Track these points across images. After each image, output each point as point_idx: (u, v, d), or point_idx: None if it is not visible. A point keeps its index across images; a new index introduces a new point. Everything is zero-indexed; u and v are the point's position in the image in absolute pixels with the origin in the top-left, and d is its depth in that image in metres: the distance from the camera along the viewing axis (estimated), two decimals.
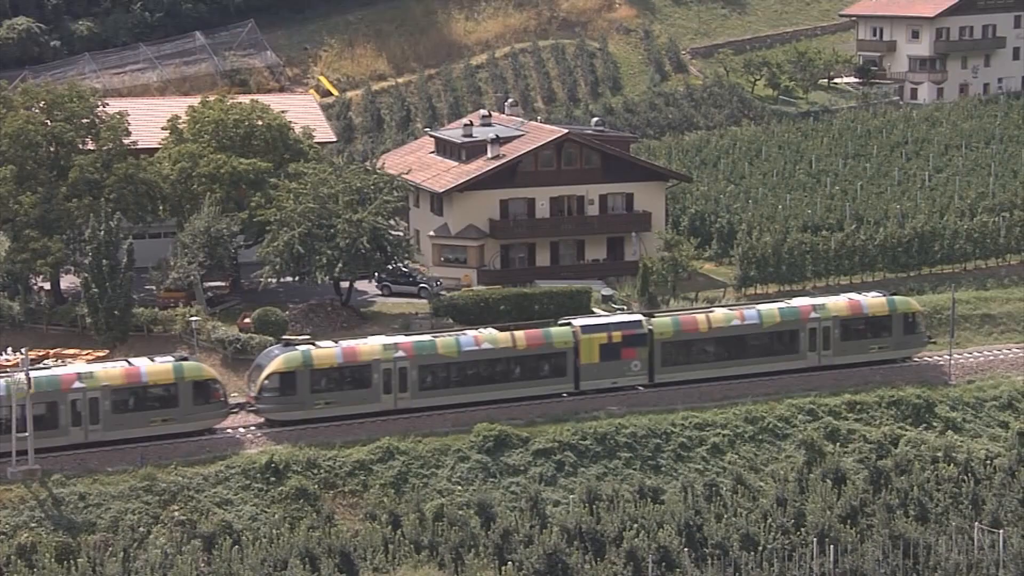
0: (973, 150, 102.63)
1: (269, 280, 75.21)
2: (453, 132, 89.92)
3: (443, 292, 76.71)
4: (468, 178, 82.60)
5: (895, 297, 73.11)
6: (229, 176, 77.28)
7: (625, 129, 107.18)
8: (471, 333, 66.76)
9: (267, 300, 74.89)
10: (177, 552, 54.70)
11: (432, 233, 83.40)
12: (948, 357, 71.04)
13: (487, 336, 66.28)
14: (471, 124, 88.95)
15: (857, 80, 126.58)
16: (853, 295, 72.82)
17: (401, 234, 79.71)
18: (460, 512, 57.49)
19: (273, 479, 59.55)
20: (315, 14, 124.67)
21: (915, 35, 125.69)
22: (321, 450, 60.93)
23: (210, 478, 59.30)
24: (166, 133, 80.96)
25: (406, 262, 78.92)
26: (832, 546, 55.35)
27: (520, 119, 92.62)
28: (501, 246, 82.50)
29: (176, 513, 57.65)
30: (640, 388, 67.90)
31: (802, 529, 56.51)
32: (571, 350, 67.07)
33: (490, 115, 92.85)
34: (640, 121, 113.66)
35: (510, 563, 54.51)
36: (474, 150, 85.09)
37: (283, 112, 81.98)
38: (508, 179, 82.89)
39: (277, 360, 63.84)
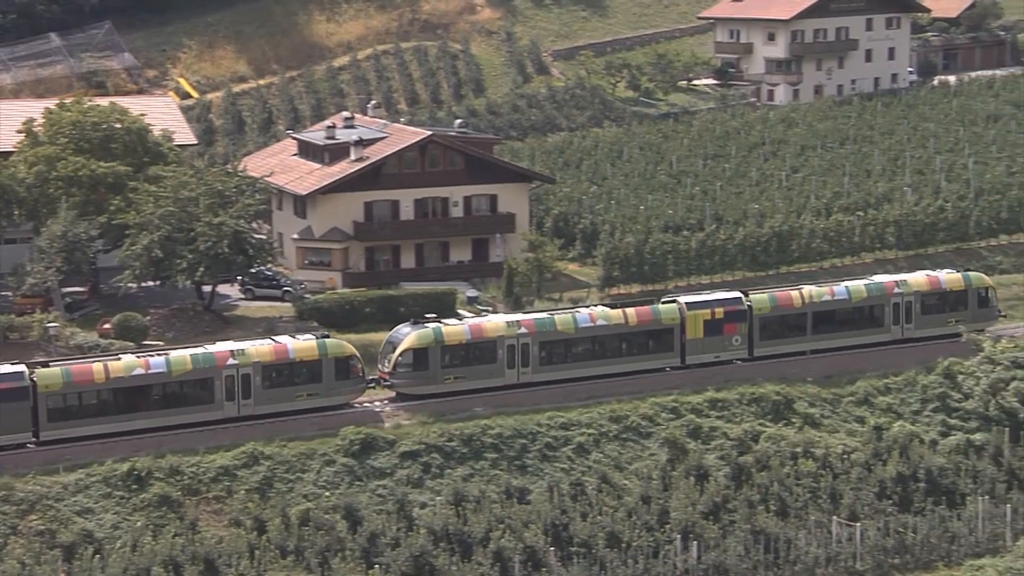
0: (828, 150, 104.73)
1: (129, 285, 74.13)
2: (316, 134, 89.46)
3: (307, 295, 76.25)
4: (331, 180, 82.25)
5: (970, 273, 75.91)
6: (88, 180, 76.02)
7: (488, 131, 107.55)
8: (586, 311, 69.43)
9: (127, 305, 73.78)
10: (36, 563, 53.64)
11: (296, 236, 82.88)
12: None
13: (601, 313, 69.10)
14: (334, 126, 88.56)
15: (715, 82, 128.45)
16: (931, 271, 75.76)
17: (264, 237, 79.09)
18: (326, 516, 57.18)
19: (135, 486, 58.65)
20: (174, 16, 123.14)
21: (771, 37, 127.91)
22: (184, 456, 60.21)
23: (70, 487, 58.24)
24: (21, 136, 79.38)
25: (269, 265, 78.33)
26: (695, 542, 56.11)
27: (383, 121, 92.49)
28: (366, 248, 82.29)
29: (35, 523, 56.53)
30: (738, 362, 70.14)
31: (666, 526, 57.16)
32: (677, 326, 69.82)
33: (353, 117, 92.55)
34: (503, 123, 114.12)
35: (377, 566, 54.38)
36: (337, 152, 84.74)
37: (142, 115, 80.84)
38: (372, 181, 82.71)
39: (411, 337, 66.24)
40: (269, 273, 78.97)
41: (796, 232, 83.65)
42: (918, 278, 74.56)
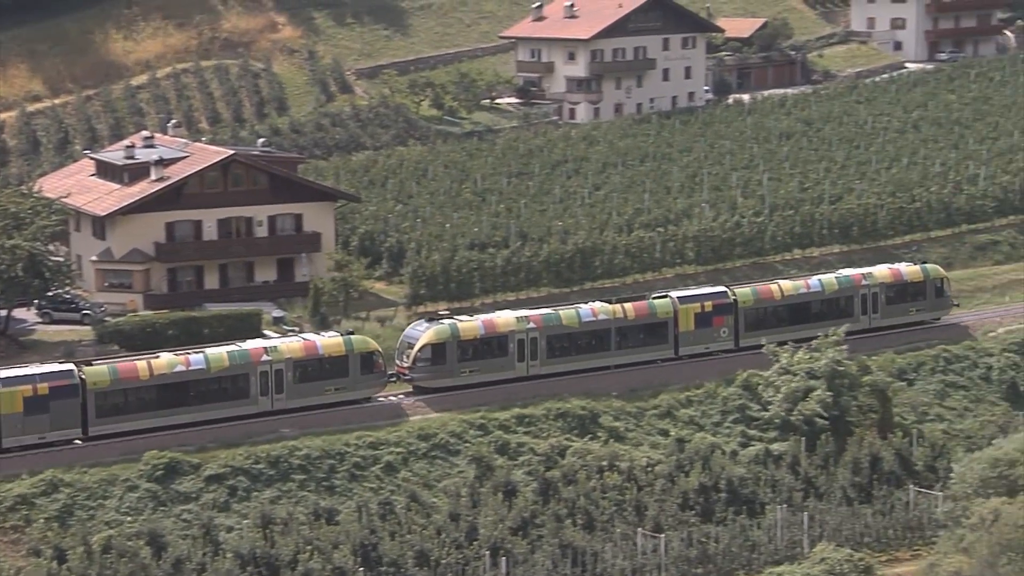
0: (629, 168, 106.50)
1: None
2: (115, 154, 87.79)
3: (108, 318, 74.71)
4: (131, 201, 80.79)
5: (927, 265, 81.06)
6: None
7: (292, 150, 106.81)
8: (586, 306, 73.00)
9: None
10: None
11: (95, 258, 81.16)
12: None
13: (601, 308, 72.75)
14: (133, 146, 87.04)
15: (518, 100, 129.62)
16: (893, 265, 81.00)
17: (61, 259, 77.28)
18: (130, 543, 56.04)
19: None
20: None
21: (571, 57, 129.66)
22: None
23: None
24: None
25: (67, 288, 76.55)
26: (504, 558, 56.46)
27: (184, 140, 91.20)
28: (168, 270, 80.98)
29: None
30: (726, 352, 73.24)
31: (475, 542, 57.37)
32: (671, 319, 73.72)
33: (153, 136, 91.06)
34: (307, 142, 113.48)
35: None
36: (137, 172, 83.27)
37: None
38: (173, 201, 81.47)
39: (429, 332, 69.22)
40: (67, 296, 77.17)
41: (599, 248, 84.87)
42: (882, 271, 79.77)
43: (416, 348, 69.12)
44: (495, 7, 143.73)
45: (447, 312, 73.08)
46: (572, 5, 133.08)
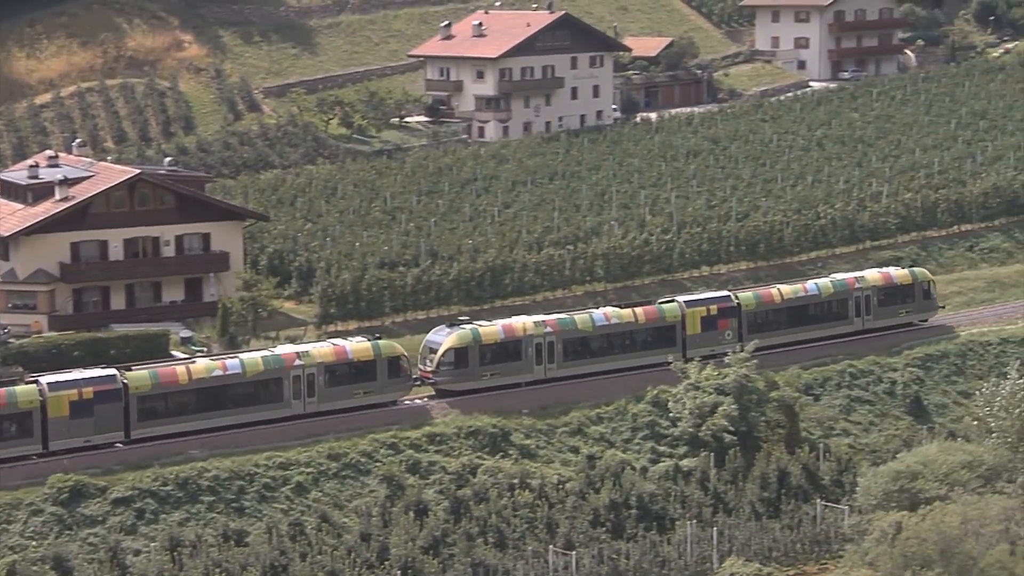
0: (538, 186, 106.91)
1: None
2: (18, 174, 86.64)
3: (11, 339, 73.62)
4: (35, 221, 79.76)
5: (915, 268, 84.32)
6: None
7: (200, 169, 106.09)
8: (599, 311, 75.32)
9: None
10: None
11: None
12: None
13: (614, 313, 75.10)
14: (37, 165, 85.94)
15: (427, 119, 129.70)
16: (882, 268, 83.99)
17: None
18: (34, 568, 55.24)
19: None
20: None
21: (480, 75, 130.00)
22: None
23: None
24: None
25: None
26: None
27: (89, 160, 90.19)
28: (73, 290, 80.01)
29: None
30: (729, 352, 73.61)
31: (386, 563, 57.24)
32: (679, 323, 75.85)
33: (57, 156, 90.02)
34: (215, 160, 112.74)
35: None
36: (41, 192, 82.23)
37: None
38: (78, 221, 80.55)
39: (452, 337, 71.25)
40: None
41: (509, 266, 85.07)
42: (873, 274, 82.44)
43: (440, 352, 71.10)
44: (403, 26, 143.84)
45: (466, 318, 75.41)
46: (480, 24, 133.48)
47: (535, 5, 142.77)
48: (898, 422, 75.85)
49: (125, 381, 64.26)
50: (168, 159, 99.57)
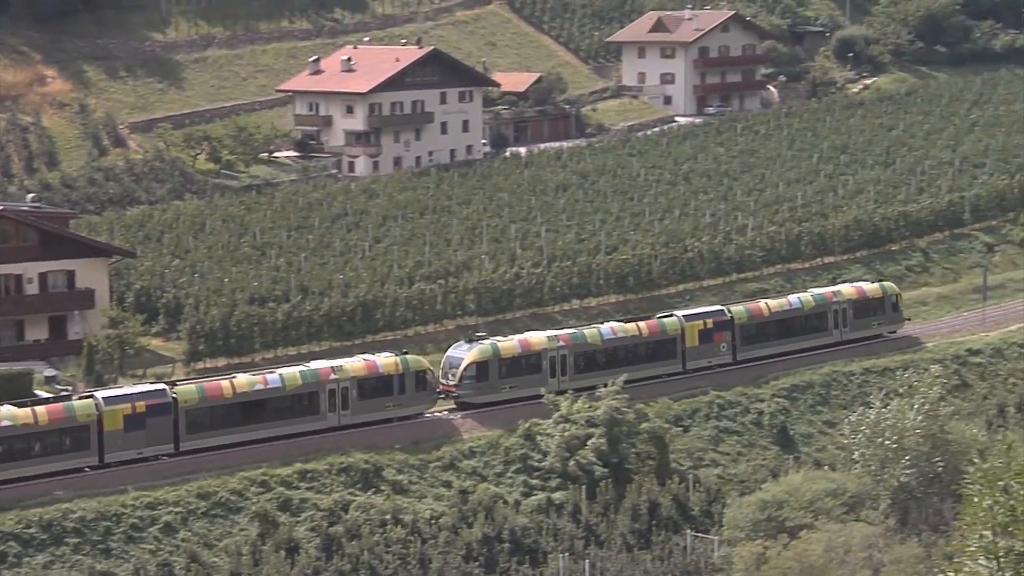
0: (409, 220, 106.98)
1: None
2: None
3: None
4: None
5: (884, 283, 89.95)
6: None
7: (64, 205, 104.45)
8: (608, 325, 79.23)
9: None
10: None
11: None
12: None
13: (619, 327, 78.74)
14: None
15: (296, 154, 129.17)
16: (858, 283, 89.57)
17: None
18: None
19: None
20: None
21: (350, 110, 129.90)
22: None
23: None
24: None
25: None
26: None
27: None
28: None
29: None
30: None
31: None
32: (679, 336, 79.69)
33: None
34: (79, 196, 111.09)
35: None
36: None
37: None
38: None
39: (473, 352, 74.70)
40: None
41: (380, 301, 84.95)
42: (848, 288, 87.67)
43: (462, 367, 74.40)
44: (272, 60, 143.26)
45: (483, 333, 78.41)
46: (349, 59, 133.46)
47: (404, 40, 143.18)
48: (765, 452, 77.05)
49: (175, 395, 67.15)
50: (31, 195, 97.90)
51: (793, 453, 76.65)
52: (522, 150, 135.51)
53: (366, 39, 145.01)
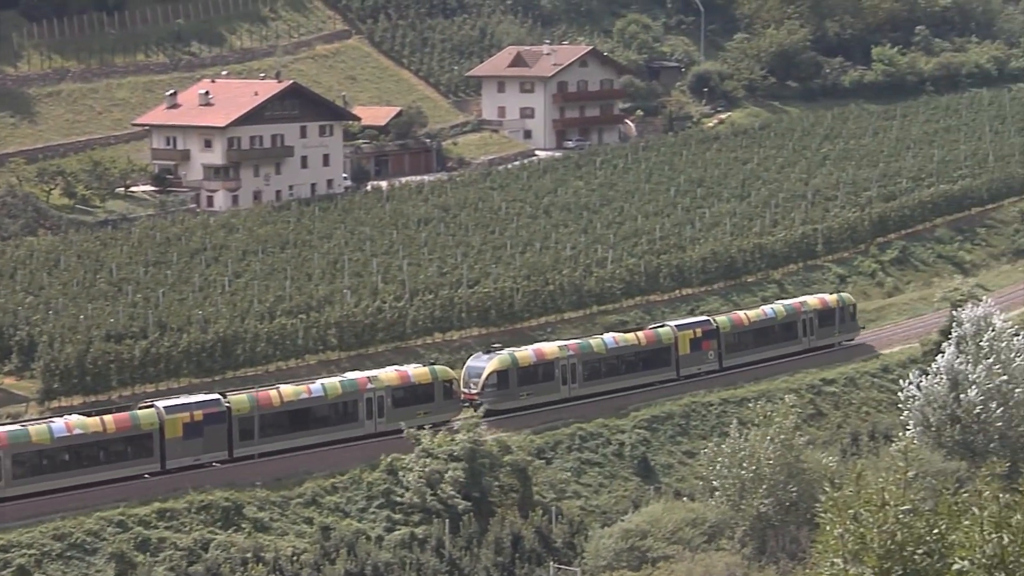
0: (269, 255, 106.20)
1: None
2: None
3: None
4: None
5: (842, 294, 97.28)
6: None
7: None
8: (611, 335, 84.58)
9: None
10: None
11: None
12: None
13: (620, 337, 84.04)
14: None
15: (154, 188, 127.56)
16: (821, 295, 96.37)
17: None
18: None
19: None
20: None
21: (208, 144, 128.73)
22: None
23: None
24: None
25: None
26: None
27: None
28: None
29: None
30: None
31: None
32: (673, 344, 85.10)
33: None
34: None
35: None
36: None
37: None
38: None
39: (494, 361, 79.09)
40: None
41: (241, 337, 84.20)
42: (813, 300, 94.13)
43: (484, 375, 78.50)
44: (128, 94, 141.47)
45: (499, 344, 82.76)
46: (207, 93, 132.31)
47: (263, 74, 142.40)
48: (627, 483, 77.79)
49: (228, 404, 70.67)
50: None
51: (654, 483, 77.52)
52: (383, 184, 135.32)
53: (224, 73, 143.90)
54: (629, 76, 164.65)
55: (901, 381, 76.29)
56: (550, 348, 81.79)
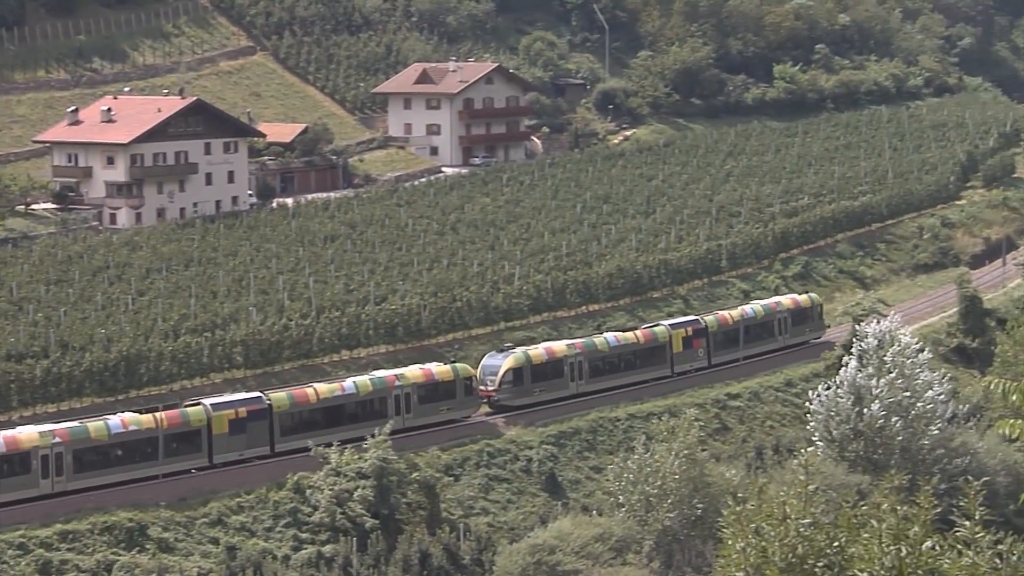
0: (174, 273, 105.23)
1: None
2: None
3: None
4: None
5: (811, 294, 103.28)
6: None
7: None
8: (612, 333, 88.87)
9: None
10: None
11: None
12: None
13: (622, 336, 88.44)
14: None
15: (55, 206, 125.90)
16: (792, 295, 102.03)
17: None
18: None
19: None
20: None
21: (110, 161, 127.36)
22: None
23: None
24: None
25: None
26: None
27: None
28: None
29: None
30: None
31: None
32: (668, 342, 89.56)
33: None
34: None
35: None
36: None
37: None
38: None
39: (509, 359, 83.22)
40: None
41: (144, 355, 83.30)
42: (786, 300, 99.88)
43: (500, 373, 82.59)
44: (28, 111, 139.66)
45: (511, 344, 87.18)
46: (110, 109, 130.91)
47: (166, 91, 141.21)
48: (535, 499, 78.01)
49: (269, 401, 73.96)
50: None
51: (562, 499, 77.79)
52: (289, 201, 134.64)
53: (127, 89, 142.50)
54: (535, 93, 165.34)
55: (810, 393, 77.14)
56: (559, 347, 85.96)
